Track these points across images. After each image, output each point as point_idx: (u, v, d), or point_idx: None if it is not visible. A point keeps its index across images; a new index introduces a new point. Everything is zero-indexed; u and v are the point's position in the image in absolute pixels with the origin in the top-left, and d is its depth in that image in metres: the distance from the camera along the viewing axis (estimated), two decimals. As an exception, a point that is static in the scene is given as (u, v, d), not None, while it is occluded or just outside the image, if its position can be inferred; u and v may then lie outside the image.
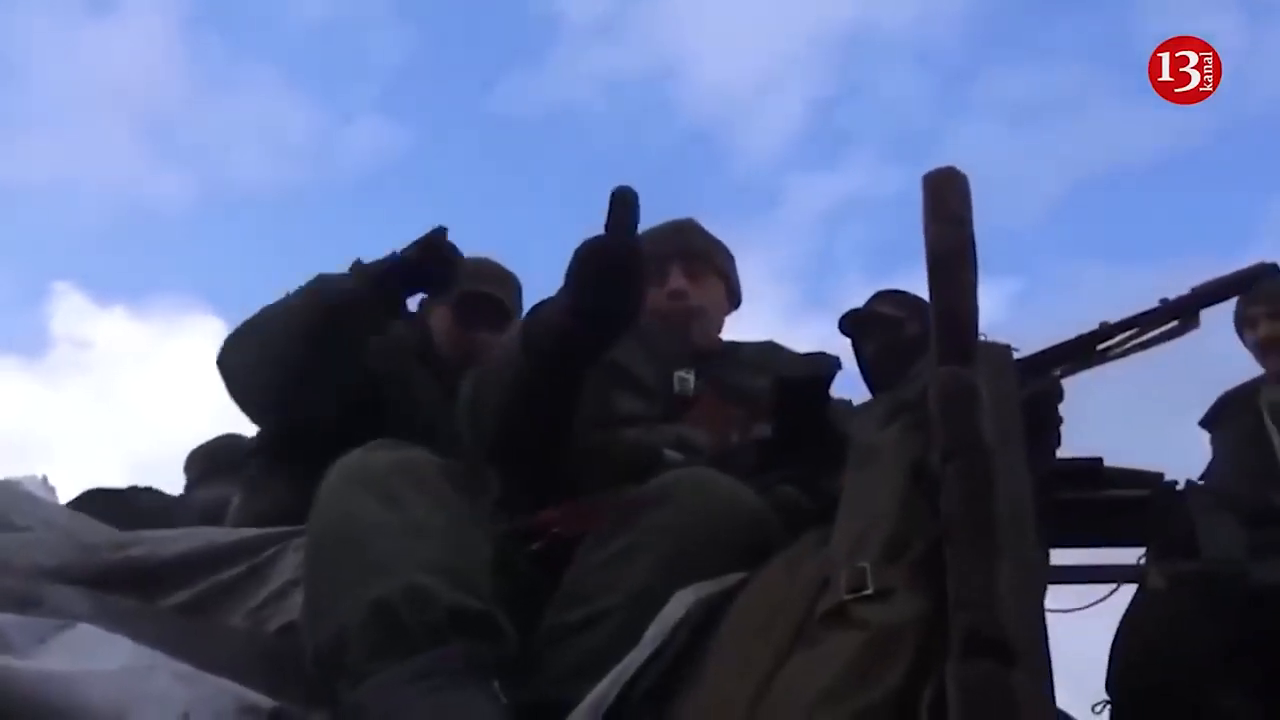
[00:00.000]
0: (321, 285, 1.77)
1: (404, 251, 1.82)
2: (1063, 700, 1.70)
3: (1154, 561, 1.58)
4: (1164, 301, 1.35)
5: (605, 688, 1.04)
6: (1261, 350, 2.15)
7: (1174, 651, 1.70)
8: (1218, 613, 1.63)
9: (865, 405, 1.19)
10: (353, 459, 1.23)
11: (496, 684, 1.03)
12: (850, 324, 2.32)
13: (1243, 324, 2.16)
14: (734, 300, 1.95)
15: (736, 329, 1.97)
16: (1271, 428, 1.90)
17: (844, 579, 0.97)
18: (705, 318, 1.85)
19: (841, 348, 2.29)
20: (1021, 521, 0.92)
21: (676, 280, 1.82)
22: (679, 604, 1.12)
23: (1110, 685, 1.80)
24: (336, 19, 9.72)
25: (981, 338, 1.54)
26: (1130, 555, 1.67)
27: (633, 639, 1.09)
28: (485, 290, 2.17)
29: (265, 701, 1.10)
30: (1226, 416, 2.17)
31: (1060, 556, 1.67)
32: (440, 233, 1.82)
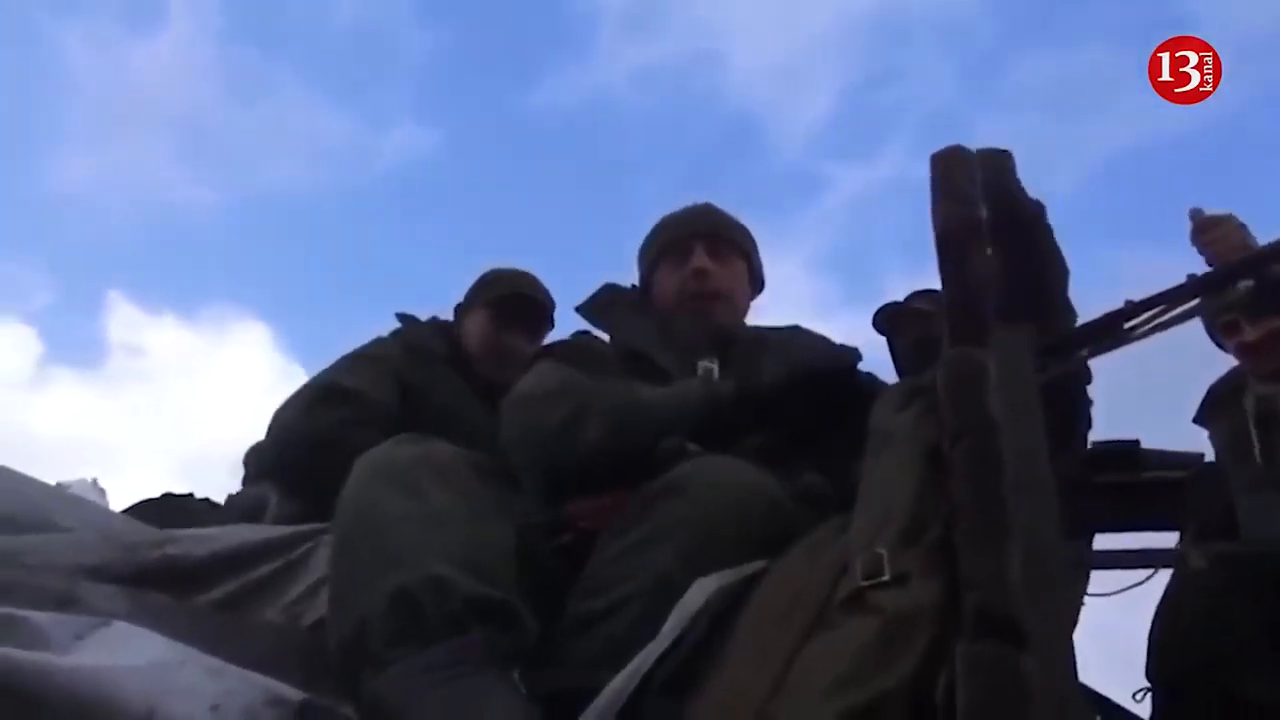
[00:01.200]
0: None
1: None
2: (1117, 685, 1.69)
3: (1194, 543, 1.55)
4: (1190, 277, 1.35)
5: (625, 679, 1.04)
6: (1247, 353, 2.10)
7: (1213, 635, 1.67)
8: (1258, 595, 1.59)
9: (884, 391, 1.18)
10: (378, 453, 1.25)
11: (516, 673, 1.04)
12: (883, 319, 2.31)
13: (1221, 331, 2.12)
14: (757, 284, 1.92)
15: (770, 318, 1.96)
16: (1253, 430, 1.86)
17: (861, 565, 0.96)
18: (729, 300, 1.82)
19: (875, 342, 2.30)
20: (1038, 504, 0.91)
21: (700, 259, 1.79)
22: (700, 592, 1.12)
23: (1150, 672, 1.77)
24: (369, 23, 9.85)
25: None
26: (1167, 538, 1.65)
27: (652, 627, 1.09)
28: (528, 293, 2.20)
29: (294, 694, 1.12)
30: (1217, 412, 2.13)
31: (1098, 540, 1.65)
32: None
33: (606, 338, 1.79)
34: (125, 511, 2.26)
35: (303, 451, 1.88)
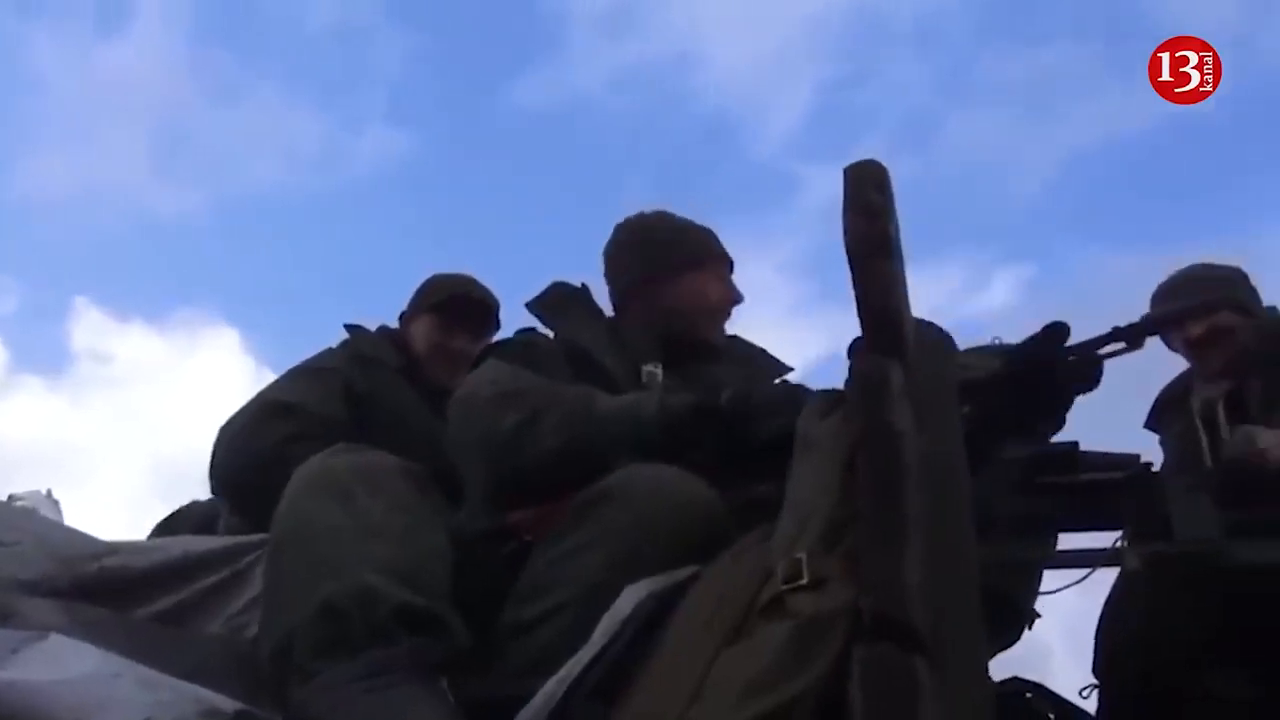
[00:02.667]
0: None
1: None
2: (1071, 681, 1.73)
3: (1131, 544, 1.58)
4: (1115, 329, 1.46)
5: (553, 685, 1.05)
6: (1191, 350, 2.14)
7: (1156, 634, 1.70)
8: (1198, 594, 1.62)
9: (812, 399, 1.20)
10: (313, 463, 1.26)
11: (444, 681, 1.05)
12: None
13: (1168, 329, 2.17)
14: None
15: (747, 318, 1.98)
16: (1200, 429, 1.91)
17: (781, 570, 0.98)
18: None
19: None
20: (951, 510, 0.93)
21: (733, 289, 1.86)
22: (629, 599, 1.13)
23: (1096, 669, 1.80)
24: (343, 25, 9.81)
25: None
26: (1108, 539, 1.68)
27: (584, 634, 1.10)
28: (470, 294, 2.22)
29: (228, 704, 1.12)
30: (1166, 418, 2.16)
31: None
32: None
33: (551, 335, 1.79)
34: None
35: (247, 468, 1.89)
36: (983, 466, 1.33)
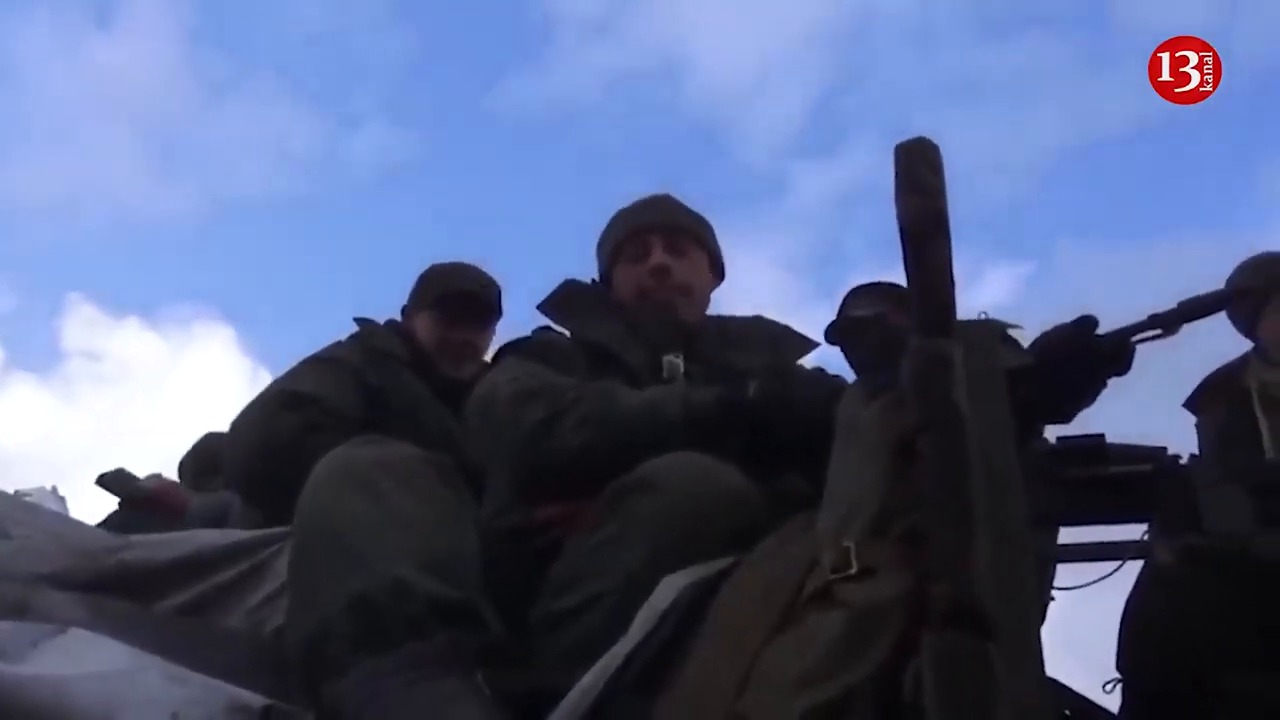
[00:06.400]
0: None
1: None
2: (1080, 678, 1.70)
3: (1159, 536, 1.56)
4: (1153, 316, 1.46)
5: (594, 677, 1.03)
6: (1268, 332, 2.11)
7: (1183, 628, 1.68)
8: (1229, 588, 1.60)
9: (850, 386, 1.18)
10: (338, 455, 1.23)
11: (479, 674, 1.03)
12: (835, 336, 2.32)
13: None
14: (718, 273, 1.90)
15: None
16: (1259, 409, 1.88)
17: (828, 559, 0.96)
18: (691, 294, 1.80)
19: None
20: (1005, 496, 0.91)
21: (658, 256, 1.77)
22: (669, 589, 1.11)
23: (1120, 663, 1.78)
24: (336, 26, 9.80)
25: (982, 315, 1.54)
26: (1136, 531, 1.66)
27: (624, 624, 1.08)
28: (468, 288, 2.20)
29: (256, 700, 1.09)
30: (1212, 398, 2.14)
31: (1066, 534, 1.66)
32: None
33: (567, 334, 1.76)
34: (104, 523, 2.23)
35: (263, 459, 1.86)
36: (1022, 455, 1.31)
